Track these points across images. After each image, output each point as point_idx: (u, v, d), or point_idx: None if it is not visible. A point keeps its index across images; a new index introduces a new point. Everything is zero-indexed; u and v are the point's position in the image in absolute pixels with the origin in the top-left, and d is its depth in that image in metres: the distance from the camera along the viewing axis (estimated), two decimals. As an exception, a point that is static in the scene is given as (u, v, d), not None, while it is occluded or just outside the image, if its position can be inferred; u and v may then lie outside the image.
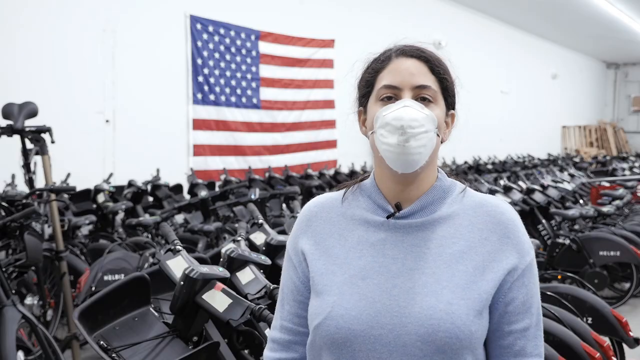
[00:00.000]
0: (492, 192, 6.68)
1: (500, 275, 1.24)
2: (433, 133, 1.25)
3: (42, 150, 4.15)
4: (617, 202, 6.80)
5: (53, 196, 4.03)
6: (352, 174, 8.96)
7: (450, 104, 1.33)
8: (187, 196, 6.93)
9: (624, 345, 3.59)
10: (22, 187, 5.12)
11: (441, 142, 1.31)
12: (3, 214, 3.83)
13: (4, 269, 3.23)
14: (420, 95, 1.27)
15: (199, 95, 8.20)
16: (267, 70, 9.17)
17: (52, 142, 4.19)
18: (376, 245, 1.28)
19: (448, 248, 1.26)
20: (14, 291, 3.28)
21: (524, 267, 1.26)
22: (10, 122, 4.12)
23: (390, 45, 1.36)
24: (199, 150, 8.21)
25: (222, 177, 7.73)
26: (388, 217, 1.29)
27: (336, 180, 8.36)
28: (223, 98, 8.52)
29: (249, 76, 8.89)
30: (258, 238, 3.24)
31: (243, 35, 8.80)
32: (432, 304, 1.21)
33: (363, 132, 1.36)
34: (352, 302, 1.24)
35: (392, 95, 1.28)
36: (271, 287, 2.54)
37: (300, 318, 1.35)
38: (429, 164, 1.29)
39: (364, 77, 1.36)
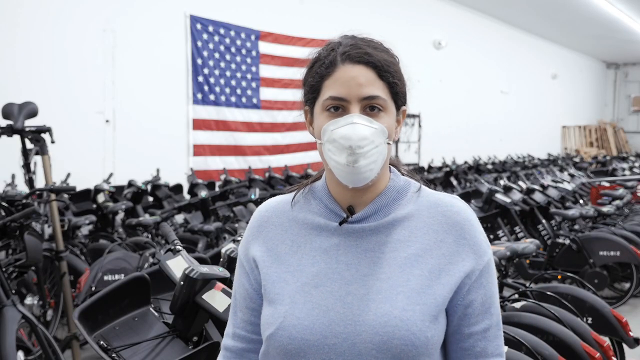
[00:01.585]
0: (492, 192, 6.69)
1: (457, 278, 1.21)
2: (383, 145, 1.20)
3: (42, 150, 4.15)
4: (617, 202, 6.80)
5: (53, 196, 4.03)
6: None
7: (400, 105, 1.26)
8: (187, 196, 6.93)
9: (624, 345, 3.59)
10: (22, 187, 5.12)
11: (394, 142, 1.25)
12: (3, 214, 3.82)
13: (4, 269, 3.23)
14: (369, 105, 1.20)
15: (199, 95, 8.20)
16: (267, 70, 9.17)
17: (52, 142, 4.19)
18: (329, 251, 1.24)
19: (402, 252, 1.22)
20: (14, 291, 3.27)
21: (481, 268, 1.23)
22: (10, 122, 4.12)
23: (335, 40, 1.26)
24: (199, 150, 8.22)
25: (222, 177, 7.73)
26: (341, 223, 1.25)
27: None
28: (223, 98, 8.52)
29: (249, 76, 8.90)
30: (258, 238, 3.23)
31: (243, 35, 8.80)
32: (386, 310, 1.17)
33: (311, 133, 1.30)
34: (305, 311, 1.20)
35: (339, 106, 1.20)
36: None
37: (253, 325, 1.31)
38: (380, 171, 1.23)
39: (307, 80, 1.27)
